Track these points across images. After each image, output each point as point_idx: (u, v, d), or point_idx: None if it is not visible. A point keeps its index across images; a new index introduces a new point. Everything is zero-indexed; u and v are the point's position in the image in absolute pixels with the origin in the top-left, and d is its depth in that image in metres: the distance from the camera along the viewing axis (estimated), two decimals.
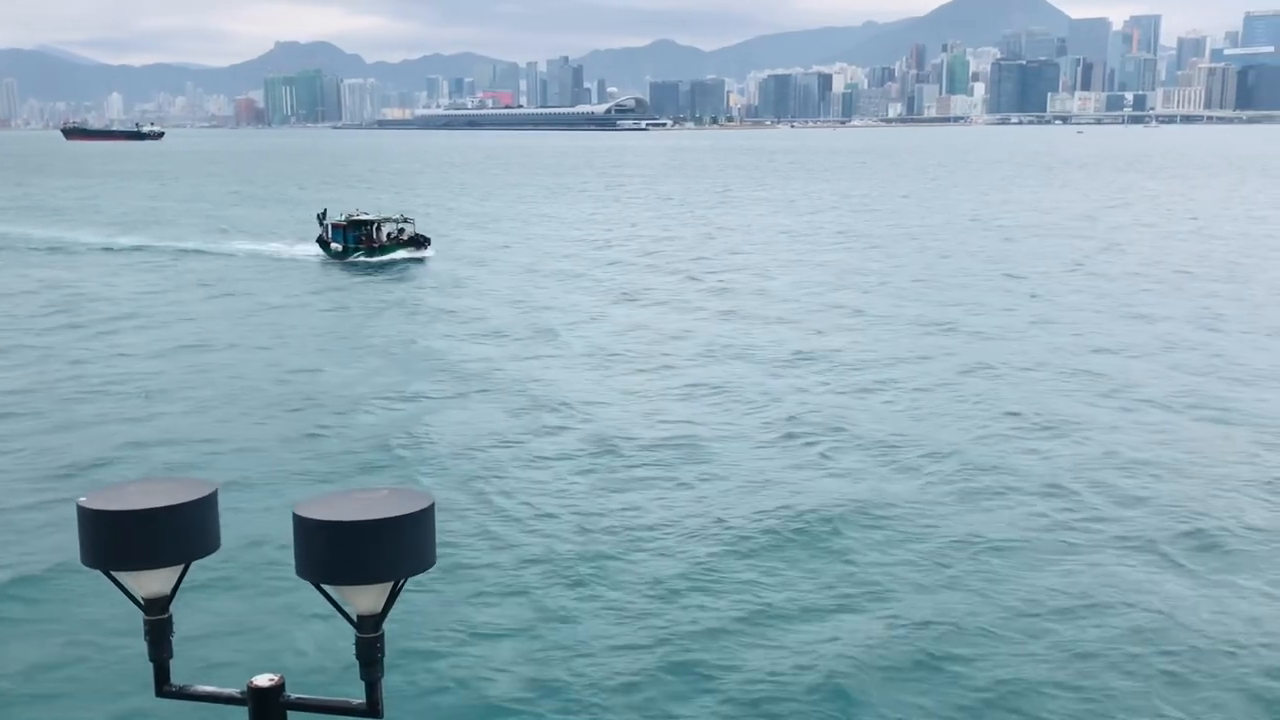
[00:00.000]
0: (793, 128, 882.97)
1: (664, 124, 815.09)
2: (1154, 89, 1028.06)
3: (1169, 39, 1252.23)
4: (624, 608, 21.31)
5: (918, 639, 19.81)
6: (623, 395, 38.07)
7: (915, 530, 25.10)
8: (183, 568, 4.78)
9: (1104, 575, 22.59)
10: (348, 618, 4.69)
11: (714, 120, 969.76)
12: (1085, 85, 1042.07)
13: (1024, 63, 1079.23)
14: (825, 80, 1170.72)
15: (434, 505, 4.62)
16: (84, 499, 4.65)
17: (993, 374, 40.55)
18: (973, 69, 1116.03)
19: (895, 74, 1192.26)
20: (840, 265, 71.77)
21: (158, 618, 4.82)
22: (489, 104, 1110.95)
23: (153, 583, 4.74)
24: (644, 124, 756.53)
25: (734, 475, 29.13)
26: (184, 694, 4.89)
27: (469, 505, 26.88)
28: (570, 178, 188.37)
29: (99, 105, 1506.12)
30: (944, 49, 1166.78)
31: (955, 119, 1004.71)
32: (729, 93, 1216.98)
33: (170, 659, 4.91)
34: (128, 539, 4.57)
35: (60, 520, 24.83)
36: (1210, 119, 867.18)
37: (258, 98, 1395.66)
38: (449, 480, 28.78)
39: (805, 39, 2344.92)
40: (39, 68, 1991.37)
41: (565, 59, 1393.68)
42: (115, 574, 4.70)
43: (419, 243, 76.39)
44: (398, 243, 75.90)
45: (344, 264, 73.29)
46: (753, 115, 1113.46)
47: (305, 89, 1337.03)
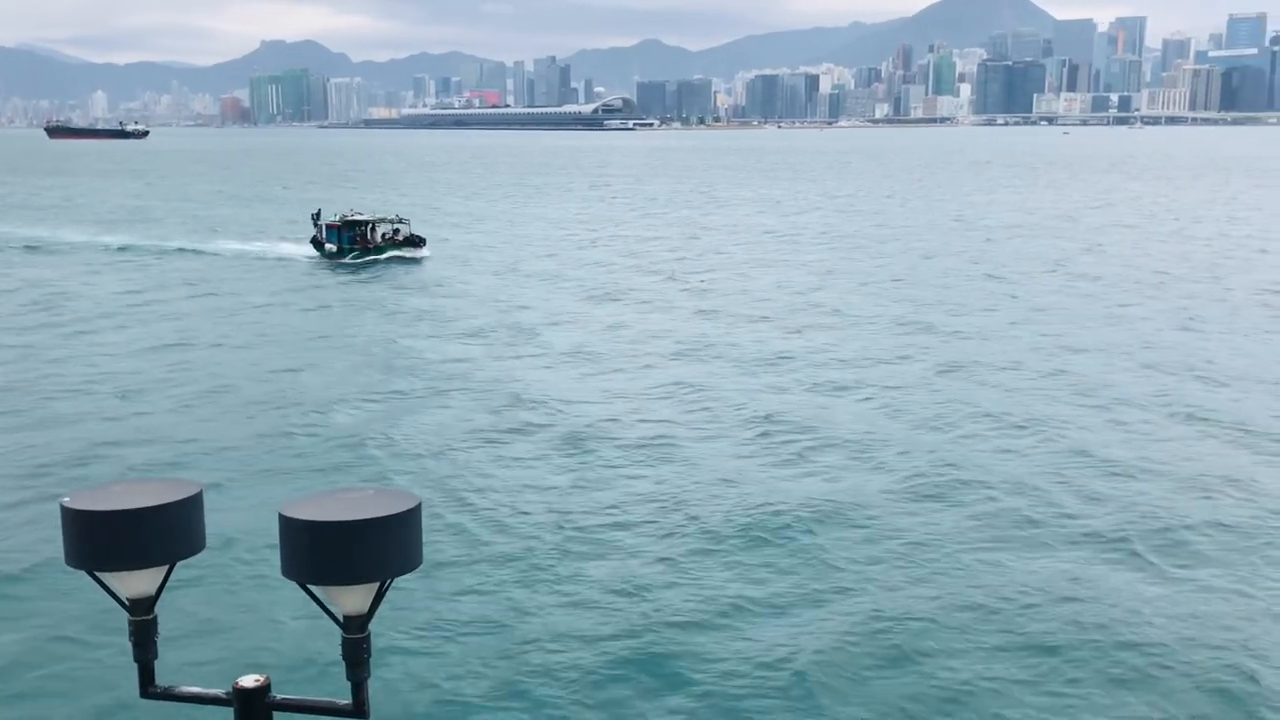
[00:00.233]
0: (780, 128, 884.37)
1: (651, 124, 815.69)
2: (1139, 90, 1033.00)
3: (1154, 40, 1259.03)
4: (600, 605, 21.41)
5: (885, 635, 19.98)
6: (601, 394, 38.12)
7: (885, 528, 25.31)
8: (168, 568, 4.75)
9: (1071, 572, 22.78)
10: (334, 618, 4.67)
11: (701, 120, 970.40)
12: (1071, 86, 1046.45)
13: (1010, 64, 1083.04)
14: (812, 81, 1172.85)
15: (420, 505, 4.61)
16: (68, 499, 4.62)
17: (968, 374, 40.74)
18: (959, 70, 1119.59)
19: (882, 75, 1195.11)
20: (822, 265, 71.92)
21: (142, 618, 4.79)
22: (476, 103, 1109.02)
23: (137, 583, 4.71)
24: (631, 124, 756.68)
25: (709, 473, 29.27)
26: (169, 695, 4.86)
27: (447, 504, 26.90)
28: (557, 177, 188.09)
29: (83, 103, 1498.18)
30: (930, 50, 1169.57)
31: (942, 120, 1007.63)
32: (716, 93, 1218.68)
33: (155, 660, 4.87)
34: (112, 539, 4.53)
35: (42, 518, 24.77)
36: (1195, 120, 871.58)
37: (243, 97, 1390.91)
38: (427, 479, 28.78)
39: (792, 39, 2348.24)
40: (22, 66, 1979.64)
41: (552, 59, 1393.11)
42: (99, 574, 4.66)
43: (414, 243, 75.56)
44: (393, 243, 75.06)
45: (335, 264, 72.60)
46: (740, 115, 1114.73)
47: (291, 88, 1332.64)
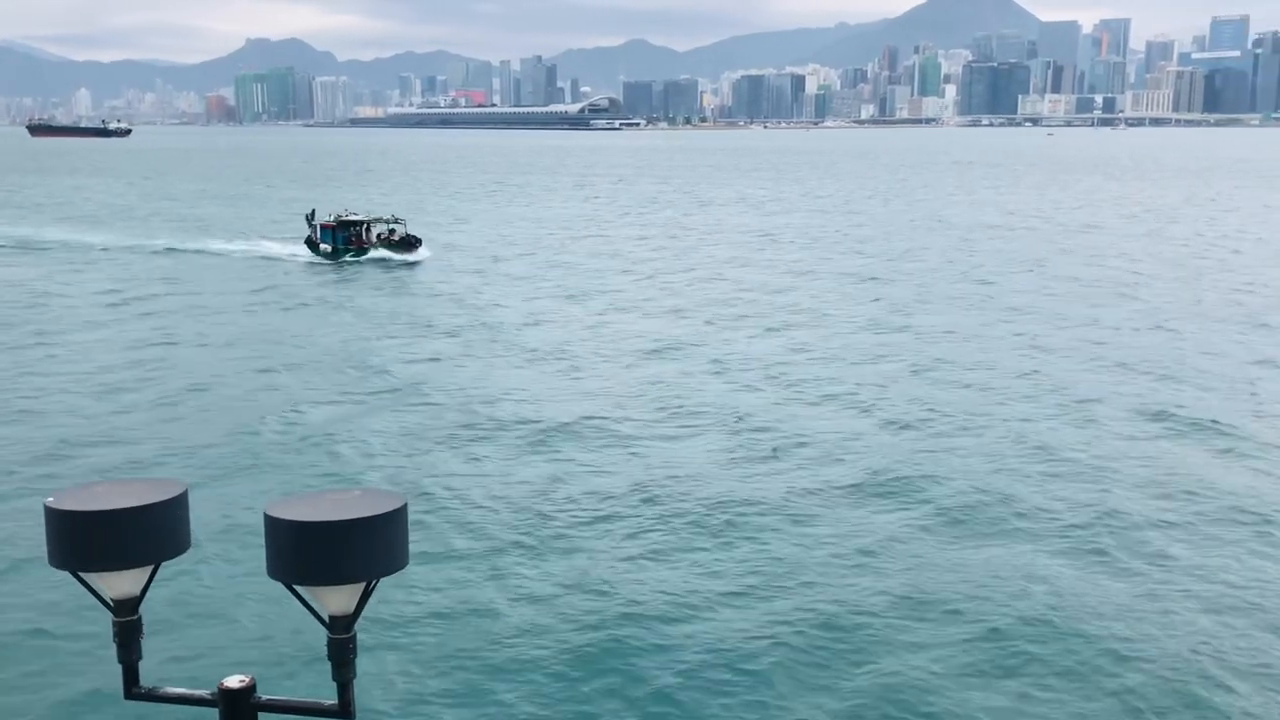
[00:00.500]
0: (766, 128, 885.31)
1: (638, 124, 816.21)
2: (1123, 92, 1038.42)
3: (1138, 42, 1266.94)
4: (573, 600, 21.55)
5: (845, 628, 20.33)
6: (577, 393, 38.21)
7: (849, 523, 25.70)
8: (152, 568, 4.72)
9: (1029, 567, 23.09)
10: (320, 618, 4.65)
11: (688, 120, 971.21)
12: (1055, 88, 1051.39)
13: (995, 65, 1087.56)
14: (798, 81, 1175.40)
15: (406, 505, 4.60)
16: (51, 499, 4.59)
17: (939, 373, 41.10)
18: (944, 71, 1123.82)
19: (868, 75, 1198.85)
20: (800, 265, 72.13)
21: (127, 619, 4.76)
22: (462, 103, 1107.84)
23: (122, 584, 4.67)
24: (617, 124, 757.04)
25: (678, 470, 29.57)
26: (154, 696, 4.82)
27: (426, 502, 26.89)
28: (543, 177, 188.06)
29: (67, 101, 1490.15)
30: (916, 51, 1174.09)
31: (927, 121, 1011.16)
32: (703, 93, 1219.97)
33: (139, 661, 4.85)
34: (96, 540, 4.50)
35: (24, 517, 24.60)
36: (1178, 122, 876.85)
37: (229, 95, 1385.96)
38: (410, 479, 28.78)
39: (779, 40, 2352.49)
40: (5, 63, 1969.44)
41: (539, 58, 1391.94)
42: (83, 575, 4.63)
43: (410, 244, 74.47)
44: (388, 243, 74.11)
45: (324, 264, 71.89)
46: (726, 116, 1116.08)
47: (277, 86, 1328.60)
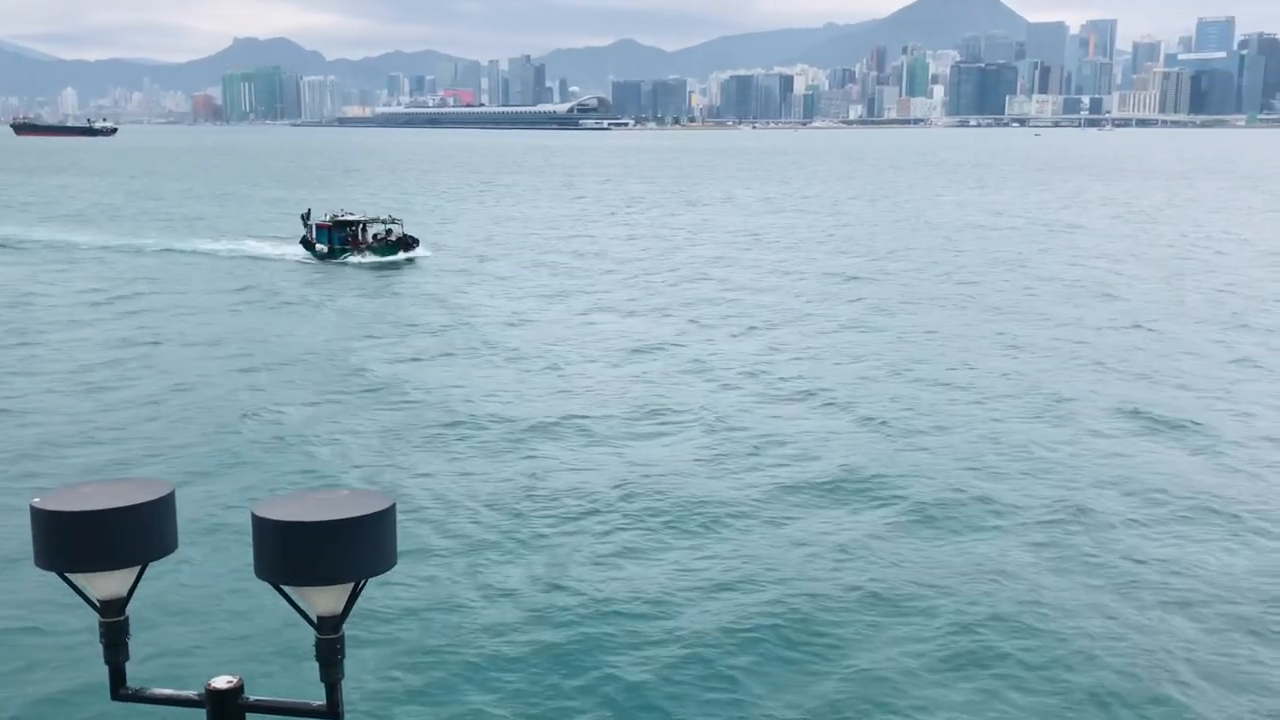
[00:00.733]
0: (754, 129, 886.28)
1: (626, 124, 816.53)
2: (1110, 92, 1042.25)
3: (1124, 43, 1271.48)
4: (548, 598, 21.71)
5: (810, 621, 20.61)
6: (558, 393, 38.31)
7: (814, 519, 26.08)
8: (139, 569, 4.70)
9: (991, 563, 23.41)
10: (307, 619, 4.64)
11: (676, 120, 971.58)
12: (1043, 88, 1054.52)
13: (983, 66, 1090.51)
14: (787, 81, 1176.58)
15: (394, 506, 4.58)
16: (38, 500, 4.57)
17: (915, 372, 41.37)
18: (932, 71, 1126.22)
19: (856, 76, 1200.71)
20: (783, 265, 72.20)
21: (114, 620, 4.73)
22: (450, 102, 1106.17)
23: (109, 584, 4.65)
24: (606, 124, 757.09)
25: (652, 468, 29.80)
26: (140, 697, 4.80)
27: (410, 503, 26.91)
28: (530, 177, 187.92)
29: (53, 100, 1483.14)
30: (904, 51, 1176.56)
31: (915, 121, 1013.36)
32: (691, 93, 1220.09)
33: (126, 662, 4.83)
34: (83, 540, 4.47)
35: (6, 517, 24.45)
36: (1164, 123, 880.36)
37: (216, 94, 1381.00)
38: (395, 479, 28.78)
39: (767, 40, 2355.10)
40: None
41: (527, 58, 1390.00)
42: (70, 576, 4.61)
43: (407, 244, 74.07)
44: (385, 244, 73.60)
45: (317, 265, 71.42)
46: (715, 116, 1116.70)
47: (264, 86, 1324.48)
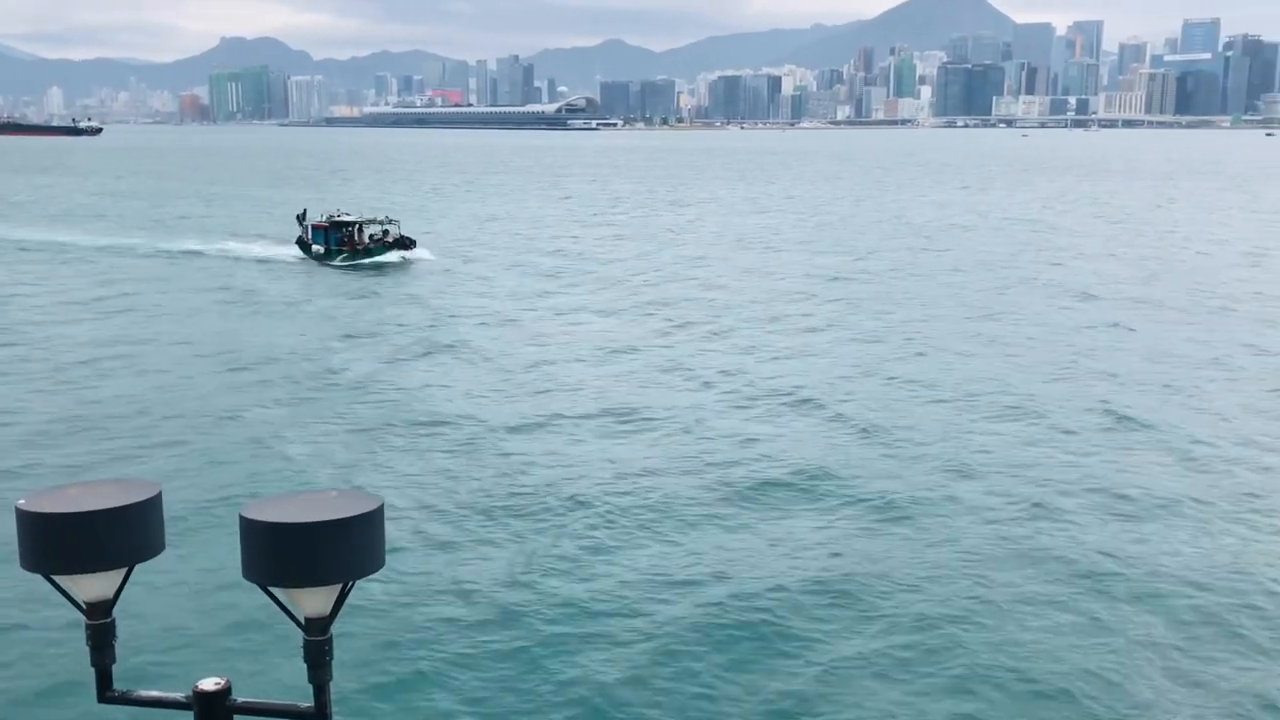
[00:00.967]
0: (742, 129, 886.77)
1: (614, 124, 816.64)
2: (1096, 93, 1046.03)
3: (1111, 44, 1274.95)
4: (509, 596, 21.73)
5: (773, 620, 20.78)
6: (532, 392, 38.26)
7: (778, 517, 26.34)
8: (126, 571, 4.67)
9: (951, 560, 23.63)
10: (295, 620, 4.63)
11: (664, 121, 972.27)
12: (1029, 89, 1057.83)
13: (970, 66, 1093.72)
14: (774, 82, 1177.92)
15: (382, 507, 4.58)
16: (23, 501, 4.54)
17: (886, 371, 41.48)
18: (920, 72, 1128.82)
19: (844, 76, 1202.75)
20: (766, 265, 72.09)
21: (100, 622, 4.71)
22: (438, 102, 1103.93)
23: (95, 586, 4.63)
24: (594, 124, 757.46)
25: (617, 468, 29.89)
26: (127, 699, 4.78)
27: (398, 504, 26.90)
28: (517, 177, 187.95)
29: (38, 100, 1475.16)
30: (892, 52, 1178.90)
31: (903, 122, 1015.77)
32: (679, 93, 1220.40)
33: (113, 664, 4.81)
34: (69, 542, 4.45)
35: None
36: (1150, 124, 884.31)
37: (202, 94, 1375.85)
38: (379, 481, 28.76)
39: (755, 41, 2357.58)
40: None
41: (515, 58, 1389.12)
42: (56, 578, 4.58)
43: (404, 245, 73.34)
44: (382, 245, 72.82)
45: (321, 266, 70.76)
46: (703, 116, 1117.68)
47: (251, 85, 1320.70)
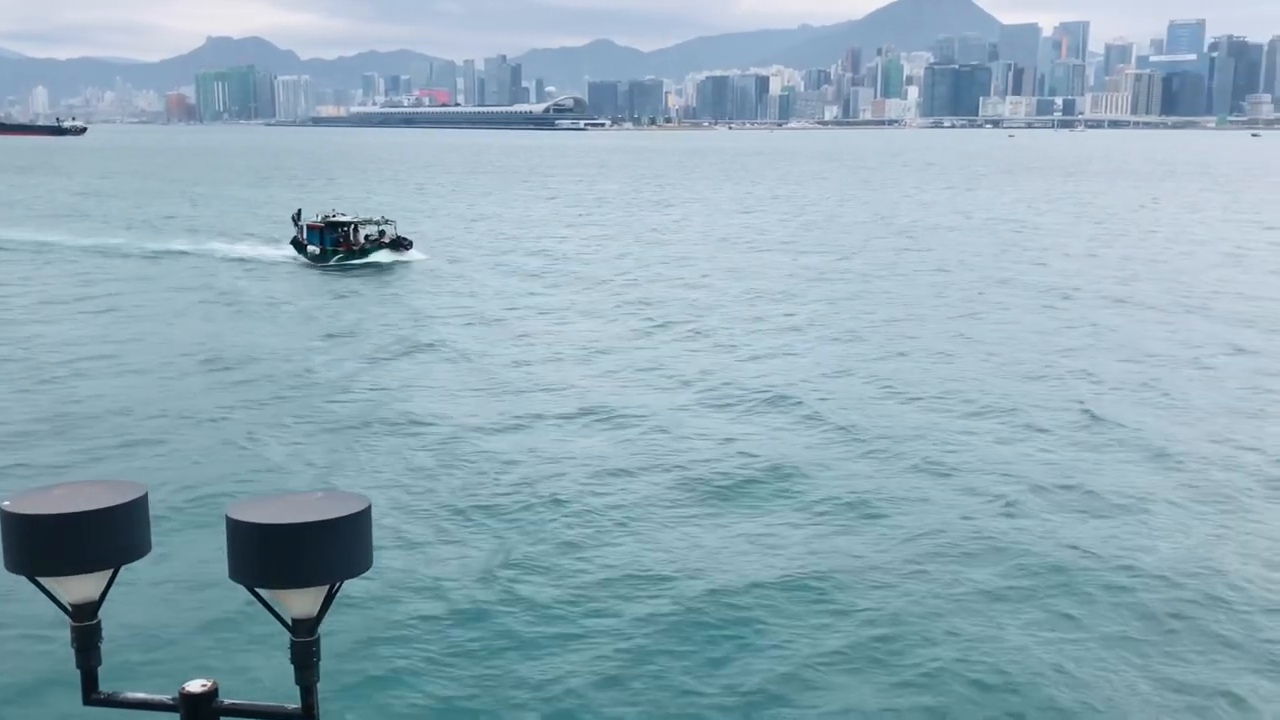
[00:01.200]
0: (730, 129, 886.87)
1: (602, 124, 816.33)
2: (1083, 94, 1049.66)
3: (1097, 45, 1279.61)
4: (478, 594, 21.70)
5: (741, 614, 21.07)
6: (510, 391, 38.37)
7: (747, 515, 26.66)
8: (112, 572, 4.63)
9: (919, 558, 23.85)
10: (282, 621, 4.60)
11: (652, 121, 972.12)
12: (1016, 90, 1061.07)
13: (957, 67, 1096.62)
14: (762, 82, 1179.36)
15: (370, 507, 4.56)
16: (7, 502, 4.51)
17: (862, 370, 41.70)
18: (907, 72, 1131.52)
19: (831, 77, 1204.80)
20: (751, 266, 72.30)
21: (86, 624, 4.67)
22: (426, 102, 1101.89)
23: (80, 588, 4.59)
24: (582, 124, 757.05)
25: (588, 467, 30.10)
26: (113, 701, 4.74)
27: (386, 506, 26.89)
28: (506, 177, 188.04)
29: (24, 100, 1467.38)
30: (879, 53, 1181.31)
31: (890, 122, 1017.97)
32: (667, 93, 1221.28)
33: (99, 666, 4.78)
34: (54, 543, 4.41)
35: None
36: (1136, 124, 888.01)
37: (189, 93, 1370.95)
38: (362, 482, 28.70)
39: (743, 41, 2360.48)
40: None
41: (503, 58, 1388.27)
42: (41, 580, 4.54)
43: (401, 245, 73.02)
44: (378, 245, 72.43)
45: (316, 267, 70.36)
46: (691, 116, 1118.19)
47: (238, 85, 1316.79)
